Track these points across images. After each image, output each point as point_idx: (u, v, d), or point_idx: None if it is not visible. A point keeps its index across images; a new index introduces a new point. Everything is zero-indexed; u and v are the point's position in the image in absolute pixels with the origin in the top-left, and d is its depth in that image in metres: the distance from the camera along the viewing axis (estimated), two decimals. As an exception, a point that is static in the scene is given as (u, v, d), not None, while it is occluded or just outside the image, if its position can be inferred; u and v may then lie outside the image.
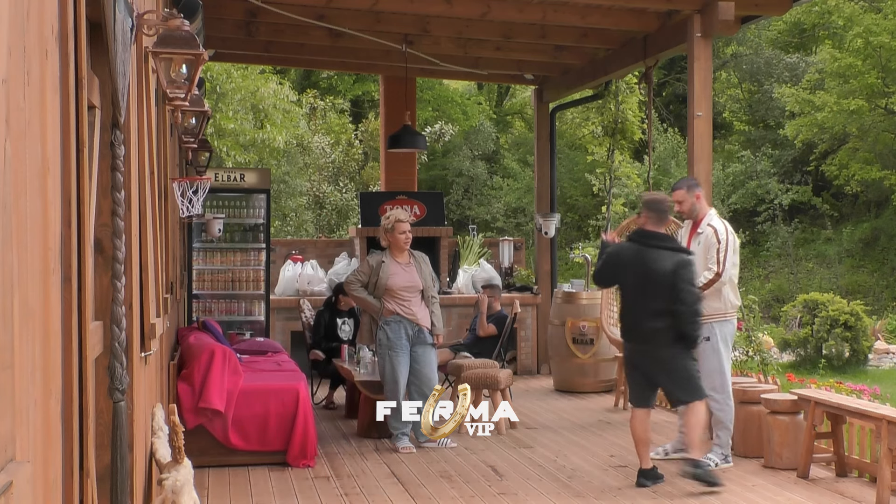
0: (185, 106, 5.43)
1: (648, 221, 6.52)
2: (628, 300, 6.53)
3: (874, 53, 24.01)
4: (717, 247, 6.90)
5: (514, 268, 12.74)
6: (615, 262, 6.56)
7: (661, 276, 6.31)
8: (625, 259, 6.48)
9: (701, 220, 7.09)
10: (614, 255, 6.62)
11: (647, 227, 6.51)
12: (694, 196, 7.08)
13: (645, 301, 6.35)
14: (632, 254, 6.46)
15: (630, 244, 6.57)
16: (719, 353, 6.97)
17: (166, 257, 5.54)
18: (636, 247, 6.47)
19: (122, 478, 2.89)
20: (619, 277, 6.60)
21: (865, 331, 13.67)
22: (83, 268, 2.35)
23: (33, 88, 1.75)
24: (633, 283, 6.43)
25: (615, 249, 6.68)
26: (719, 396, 6.96)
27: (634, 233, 6.63)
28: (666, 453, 7.17)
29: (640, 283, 6.38)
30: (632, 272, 6.41)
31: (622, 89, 12.24)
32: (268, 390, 7.23)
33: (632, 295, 6.48)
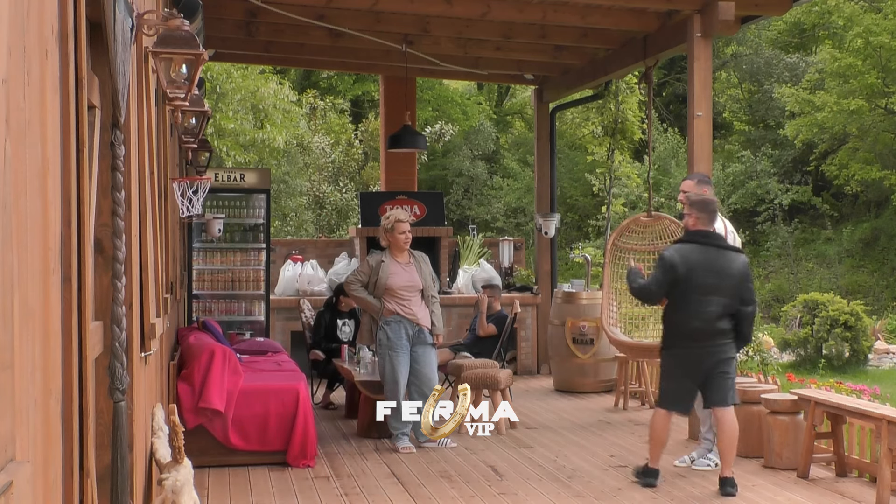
0: (185, 106, 5.43)
1: (699, 222, 6.36)
2: (691, 302, 6.24)
3: (874, 53, 24.01)
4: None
5: (514, 268, 12.74)
6: (680, 264, 6.24)
7: (730, 277, 6.22)
8: (692, 261, 6.24)
9: None
10: (677, 258, 6.28)
11: (699, 227, 6.36)
12: (701, 190, 7.00)
13: (714, 302, 6.20)
14: (698, 255, 6.26)
15: (691, 246, 6.33)
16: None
17: (166, 257, 5.54)
18: (700, 247, 6.30)
19: (122, 478, 2.89)
20: (682, 281, 6.24)
21: (865, 331, 13.67)
22: (83, 268, 2.35)
23: (33, 88, 1.75)
24: (701, 284, 6.21)
25: (675, 253, 6.32)
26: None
27: (693, 234, 6.39)
28: (692, 461, 7.07)
29: (710, 284, 6.20)
30: (701, 273, 6.22)
31: (622, 89, 12.25)
32: (268, 390, 7.23)
33: (697, 296, 6.22)
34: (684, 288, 6.25)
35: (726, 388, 6.32)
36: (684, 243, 6.41)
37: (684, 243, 6.41)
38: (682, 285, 6.25)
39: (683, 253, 6.30)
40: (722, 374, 6.29)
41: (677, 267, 6.24)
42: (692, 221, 6.39)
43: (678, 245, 6.45)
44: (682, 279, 6.23)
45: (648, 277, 6.54)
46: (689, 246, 6.35)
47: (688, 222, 6.45)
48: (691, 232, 6.41)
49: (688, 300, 6.25)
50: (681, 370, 6.35)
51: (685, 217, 6.48)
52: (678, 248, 6.40)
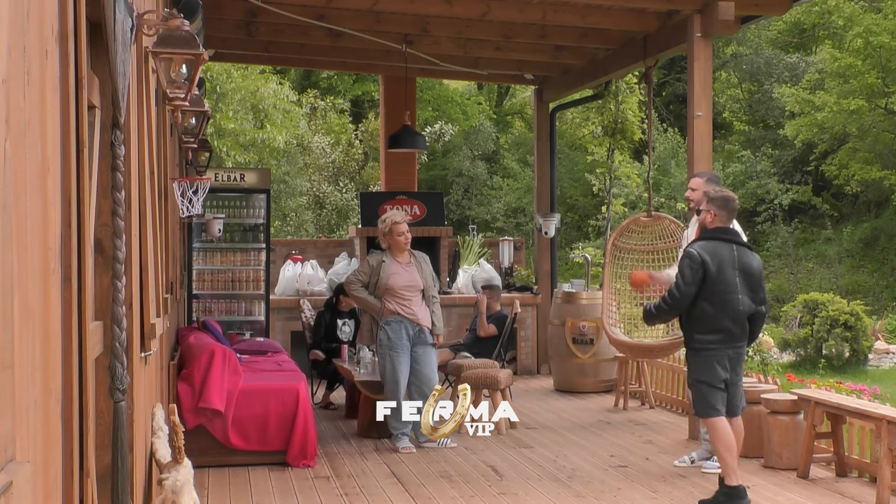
0: (185, 106, 5.43)
1: (717, 219, 6.12)
2: (722, 301, 5.98)
3: (874, 53, 24.01)
4: None
5: (514, 268, 12.74)
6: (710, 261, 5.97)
7: (752, 275, 6.05)
8: (723, 258, 6.01)
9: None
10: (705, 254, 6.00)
11: (717, 224, 6.12)
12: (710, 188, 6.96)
13: (741, 301, 5.99)
14: (727, 253, 6.03)
15: (715, 243, 6.07)
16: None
17: (166, 257, 5.54)
18: (724, 244, 6.07)
19: (123, 478, 2.89)
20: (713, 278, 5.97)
21: (865, 331, 13.67)
22: (83, 268, 2.35)
23: (33, 88, 1.75)
24: (731, 282, 5.98)
25: (702, 250, 6.03)
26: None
27: (714, 231, 6.12)
28: (692, 461, 7.04)
29: (737, 282, 5.99)
30: (729, 270, 5.98)
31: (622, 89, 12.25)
32: (268, 390, 7.23)
33: (728, 295, 5.98)
34: (714, 286, 5.98)
35: (740, 395, 6.15)
36: (707, 241, 6.12)
37: (707, 241, 6.12)
38: (711, 283, 5.98)
39: (709, 250, 6.04)
40: (738, 380, 6.11)
41: (708, 264, 5.97)
42: (710, 218, 6.15)
43: (702, 242, 6.12)
44: (712, 275, 5.97)
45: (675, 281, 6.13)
46: (712, 243, 6.09)
47: (706, 219, 6.19)
48: (712, 229, 6.15)
49: (719, 298, 5.98)
50: (711, 370, 6.01)
51: (703, 213, 6.23)
52: (703, 245, 6.09)
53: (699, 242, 6.16)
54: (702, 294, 6.00)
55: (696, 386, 6.10)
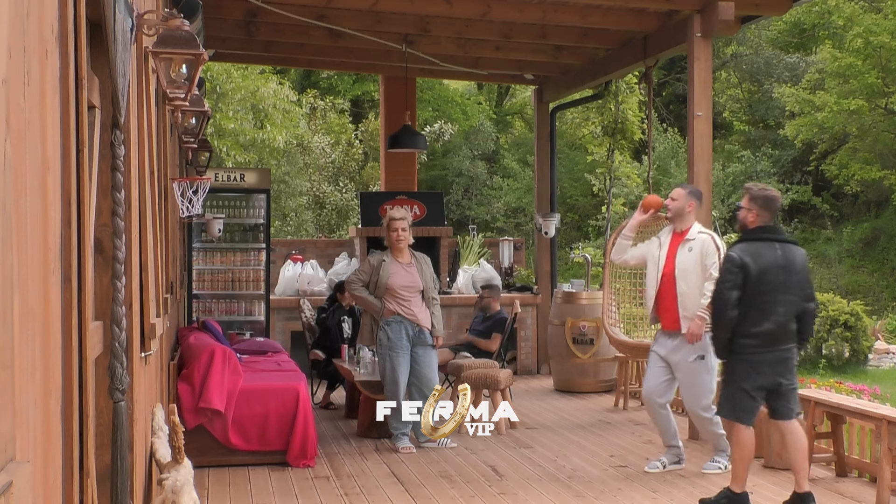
0: (185, 106, 5.44)
1: (759, 219, 5.87)
2: (762, 303, 5.74)
3: (874, 53, 24.01)
4: (717, 253, 6.74)
5: (514, 268, 12.74)
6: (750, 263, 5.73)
7: (797, 273, 5.79)
8: (766, 260, 5.75)
9: (688, 229, 6.92)
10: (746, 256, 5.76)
11: (759, 223, 5.86)
12: (688, 203, 6.92)
13: (784, 301, 5.74)
14: (770, 253, 5.78)
15: (757, 243, 5.81)
16: (712, 371, 6.86)
17: (166, 257, 5.54)
18: (767, 244, 5.81)
19: (122, 478, 2.89)
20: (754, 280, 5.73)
21: (865, 331, 13.66)
22: (83, 268, 2.35)
23: (33, 88, 1.75)
24: (773, 283, 5.73)
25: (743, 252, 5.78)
26: (709, 415, 6.89)
27: (755, 231, 5.86)
28: (664, 466, 6.99)
29: (780, 282, 5.74)
30: (772, 271, 5.74)
31: (622, 89, 12.26)
32: (268, 390, 7.23)
33: (769, 296, 5.73)
34: (756, 288, 5.73)
35: (794, 399, 5.89)
36: (749, 242, 5.84)
37: (749, 242, 5.84)
38: (753, 286, 5.73)
39: (751, 251, 5.78)
40: (789, 384, 5.83)
41: (749, 266, 5.72)
42: (752, 218, 5.88)
43: (743, 244, 5.85)
44: (753, 279, 5.72)
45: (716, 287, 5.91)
46: (754, 244, 5.81)
47: (747, 218, 5.90)
48: (754, 229, 5.88)
49: (759, 301, 5.73)
50: (749, 377, 5.78)
51: (743, 212, 5.92)
52: (743, 247, 5.83)
53: (740, 244, 5.88)
54: (743, 297, 5.75)
55: (727, 385, 5.89)
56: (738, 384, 5.81)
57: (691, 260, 6.81)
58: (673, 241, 6.96)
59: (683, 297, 6.79)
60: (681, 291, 6.80)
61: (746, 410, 5.83)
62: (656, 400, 6.96)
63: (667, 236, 7.03)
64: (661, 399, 6.96)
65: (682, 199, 6.94)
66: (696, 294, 6.75)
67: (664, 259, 6.93)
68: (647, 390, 7.04)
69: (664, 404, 6.98)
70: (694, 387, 6.89)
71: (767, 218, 5.89)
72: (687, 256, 6.83)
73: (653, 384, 6.98)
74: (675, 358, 6.87)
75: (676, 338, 6.85)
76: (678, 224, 6.97)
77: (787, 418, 5.87)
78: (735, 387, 5.82)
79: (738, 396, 5.82)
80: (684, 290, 6.80)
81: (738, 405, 5.83)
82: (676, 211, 6.95)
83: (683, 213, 6.94)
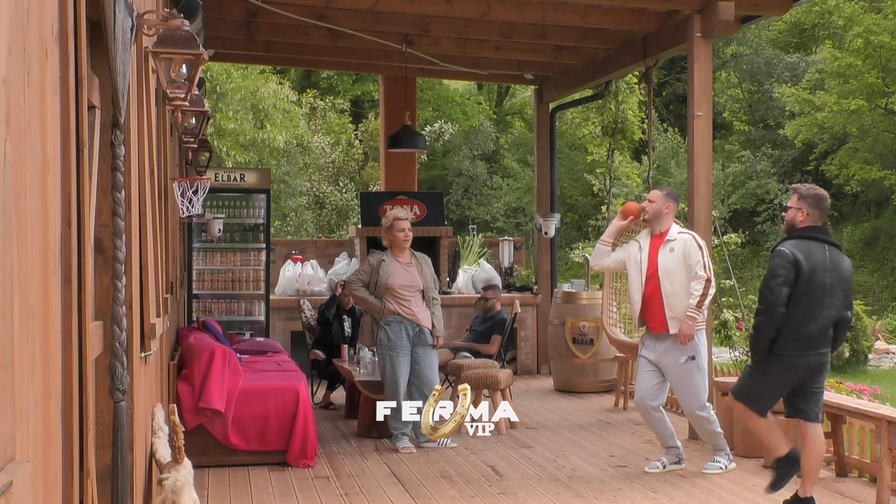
0: (185, 106, 5.43)
1: (809, 218, 5.70)
2: (809, 304, 5.56)
3: (874, 53, 24.02)
4: (700, 252, 6.73)
5: (514, 268, 12.74)
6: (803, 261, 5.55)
7: (843, 279, 5.63)
8: (817, 260, 5.58)
9: (666, 231, 6.89)
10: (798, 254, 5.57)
11: (809, 223, 5.70)
12: (665, 205, 6.90)
13: (829, 304, 5.59)
14: (820, 254, 5.60)
15: (808, 242, 5.63)
16: (703, 370, 6.86)
17: (166, 257, 5.54)
18: (818, 245, 5.63)
19: (123, 478, 2.89)
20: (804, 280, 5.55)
21: (865, 331, 13.67)
22: (83, 268, 2.35)
23: (33, 88, 1.75)
24: (822, 284, 5.57)
25: (795, 249, 5.59)
26: (705, 413, 6.91)
27: (806, 230, 5.68)
28: (664, 466, 6.98)
29: (828, 285, 5.58)
30: (821, 272, 5.56)
31: (622, 89, 12.24)
32: (268, 390, 7.23)
33: (816, 298, 5.56)
34: (804, 288, 5.54)
35: (819, 402, 5.79)
36: (800, 240, 5.64)
37: (800, 240, 5.64)
38: (803, 285, 5.54)
39: (803, 249, 5.58)
40: (818, 387, 5.75)
41: (801, 264, 5.53)
42: (802, 217, 5.69)
43: (794, 241, 5.65)
44: (804, 278, 5.53)
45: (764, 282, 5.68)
46: (806, 242, 5.62)
47: (796, 218, 5.71)
48: (804, 228, 5.68)
49: (806, 301, 5.56)
50: (783, 377, 5.68)
51: (792, 212, 5.75)
52: (795, 244, 5.62)
53: (791, 241, 5.68)
54: (791, 296, 5.56)
55: (755, 378, 5.75)
56: (769, 382, 5.70)
57: (674, 260, 6.79)
58: (653, 243, 6.93)
59: (669, 297, 6.77)
60: (666, 292, 6.78)
61: (767, 406, 5.77)
62: (649, 404, 6.93)
63: (646, 239, 7.00)
64: (654, 402, 6.93)
65: (660, 201, 6.92)
66: (681, 294, 6.74)
67: (646, 262, 6.89)
68: (639, 395, 7.01)
69: (657, 407, 6.96)
70: (687, 388, 6.87)
71: (818, 217, 5.73)
72: (669, 257, 6.80)
73: (644, 388, 6.95)
74: (666, 360, 6.85)
75: (665, 340, 6.83)
76: (656, 226, 6.95)
77: (813, 420, 5.76)
78: (765, 383, 5.71)
79: (764, 394, 5.73)
80: (669, 290, 6.78)
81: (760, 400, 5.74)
82: (654, 213, 6.93)
83: (661, 214, 6.91)
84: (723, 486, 6.43)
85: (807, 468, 5.78)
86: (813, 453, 5.75)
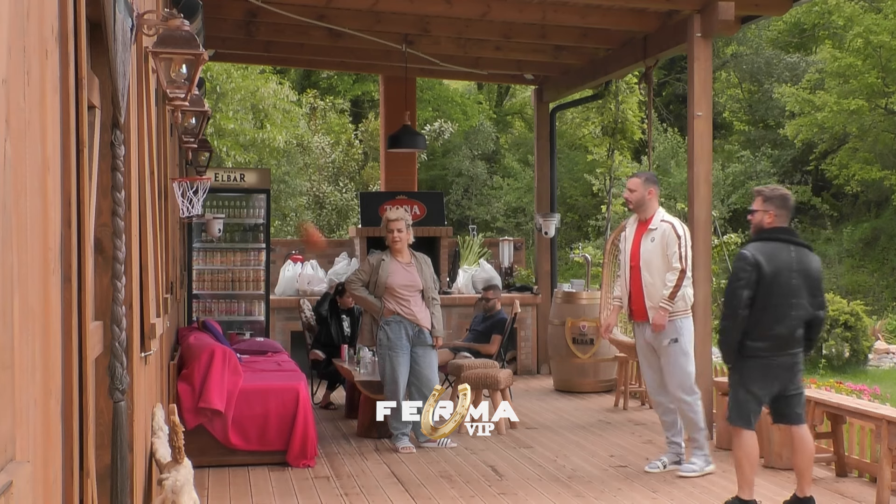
0: (185, 106, 5.43)
1: (777, 219, 5.73)
2: (776, 305, 5.58)
3: (874, 53, 24.02)
4: (677, 242, 6.71)
5: (514, 268, 12.74)
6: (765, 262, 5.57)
7: (812, 279, 5.65)
8: (781, 261, 5.60)
9: (651, 217, 6.88)
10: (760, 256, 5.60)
11: (777, 224, 5.72)
12: (647, 190, 6.88)
13: (797, 305, 5.60)
14: (785, 255, 5.63)
15: (773, 244, 5.66)
16: (688, 354, 6.85)
17: (166, 257, 5.54)
18: (783, 245, 5.66)
19: (122, 478, 2.89)
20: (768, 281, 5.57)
21: (865, 331, 13.67)
22: (83, 268, 2.35)
23: (33, 88, 1.75)
24: (787, 285, 5.58)
25: (757, 251, 5.63)
26: (690, 398, 6.83)
27: (772, 231, 5.72)
28: (664, 466, 6.95)
29: (795, 286, 5.59)
30: (786, 273, 5.58)
31: (622, 89, 12.25)
32: (268, 390, 7.23)
33: (782, 299, 5.57)
34: (769, 290, 5.57)
35: (801, 405, 5.78)
36: (764, 241, 5.69)
37: (764, 241, 5.69)
38: (766, 286, 5.57)
39: (766, 251, 5.63)
40: (796, 389, 5.74)
41: (762, 266, 5.56)
42: (769, 219, 5.73)
43: (758, 243, 5.70)
44: (767, 280, 5.56)
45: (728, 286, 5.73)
46: (770, 244, 5.66)
47: (763, 220, 5.76)
48: (769, 230, 5.73)
49: (773, 303, 5.58)
50: (760, 381, 5.66)
51: (759, 214, 5.79)
52: (758, 245, 5.67)
53: (754, 243, 5.72)
54: (755, 298, 5.60)
55: (735, 389, 5.75)
56: (746, 387, 5.68)
57: (654, 251, 6.79)
58: (637, 231, 6.96)
59: (648, 287, 6.79)
60: (645, 283, 6.81)
61: (752, 413, 5.71)
62: (657, 398, 6.99)
63: (632, 226, 7.02)
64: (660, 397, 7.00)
65: (641, 189, 6.89)
66: (660, 285, 6.75)
67: (629, 252, 6.95)
68: (651, 388, 7.06)
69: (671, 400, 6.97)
70: (672, 370, 6.82)
71: (784, 217, 5.75)
72: (650, 247, 6.81)
73: (651, 378, 7.00)
74: (656, 343, 6.88)
75: (647, 327, 6.87)
76: (641, 213, 6.96)
77: (797, 423, 5.78)
78: (743, 391, 5.69)
79: (745, 400, 5.69)
80: (649, 281, 6.80)
81: (743, 409, 5.70)
82: (637, 202, 6.92)
83: (644, 201, 6.90)
84: (723, 487, 6.43)
85: (800, 469, 5.79)
86: (804, 454, 5.76)
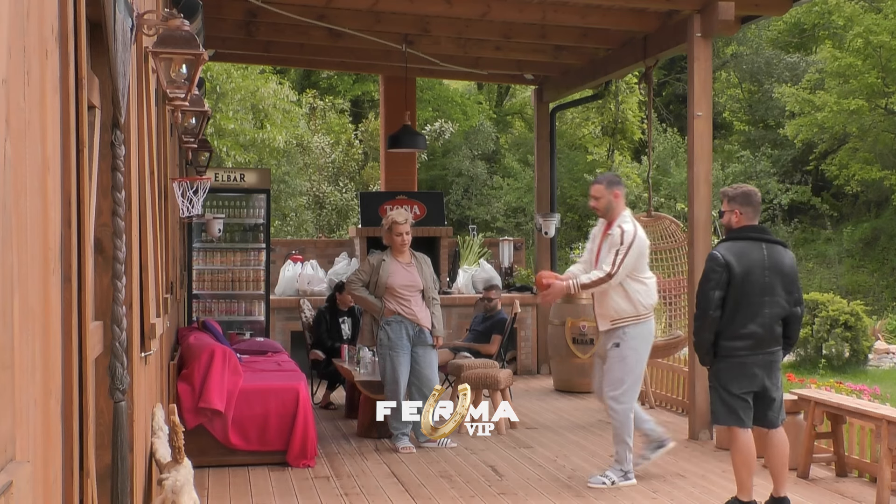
0: (185, 106, 5.43)
1: (743, 218, 5.72)
2: (749, 304, 5.58)
3: (874, 53, 24.02)
4: (616, 248, 6.52)
5: (514, 268, 12.74)
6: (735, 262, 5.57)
7: (785, 275, 5.63)
8: (748, 258, 5.59)
9: (614, 220, 6.68)
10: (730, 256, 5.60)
11: (744, 222, 5.71)
12: (612, 194, 6.68)
13: (771, 303, 5.59)
14: (756, 253, 5.62)
15: (743, 243, 5.66)
16: (626, 361, 6.56)
17: (166, 257, 5.54)
18: (754, 244, 5.65)
19: (123, 478, 2.89)
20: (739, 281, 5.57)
21: (865, 331, 13.67)
22: (83, 268, 2.35)
23: (33, 88, 1.75)
24: (760, 284, 5.57)
25: (727, 252, 5.62)
26: (618, 407, 6.54)
27: (741, 230, 5.71)
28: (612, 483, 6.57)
29: (767, 283, 5.58)
30: (758, 272, 5.57)
31: (622, 89, 12.27)
32: (268, 390, 7.23)
33: (755, 298, 5.58)
34: (741, 289, 5.57)
35: (778, 407, 5.73)
36: (734, 241, 5.69)
37: (734, 241, 5.69)
38: (737, 286, 5.57)
39: (736, 251, 5.62)
40: (774, 389, 5.69)
41: (732, 266, 5.56)
42: (736, 218, 5.74)
43: (728, 243, 5.70)
44: (737, 279, 5.56)
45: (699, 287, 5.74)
46: (739, 243, 5.66)
47: (731, 220, 5.76)
48: (739, 229, 5.72)
49: (745, 302, 5.58)
50: (739, 380, 5.62)
51: (725, 215, 5.78)
52: (728, 245, 5.67)
53: (725, 243, 5.73)
54: (727, 298, 5.59)
55: (716, 391, 5.71)
56: (726, 388, 5.64)
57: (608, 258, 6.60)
58: (602, 234, 6.78)
59: (596, 294, 6.68)
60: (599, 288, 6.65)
61: (741, 410, 5.63)
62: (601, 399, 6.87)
63: (599, 229, 6.86)
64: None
65: (606, 194, 6.68)
66: (609, 292, 6.56)
67: (594, 254, 6.78)
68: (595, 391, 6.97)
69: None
70: (607, 374, 6.63)
71: (752, 214, 5.75)
72: (604, 254, 6.65)
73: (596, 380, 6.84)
74: (601, 348, 6.79)
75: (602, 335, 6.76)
76: (608, 216, 6.73)
77: (773, 427, 5.76)
78: (723, 391, 5.65)
79: (727, 399, 5.64)
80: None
81: (731, 408, 5.65)
82: (605, 208, 6.70)
83: (612, 206, 6.68)
84: (723, 487, 6.43)
85: (776, 470, 5.75)
86: (778, 457, 5.73)
